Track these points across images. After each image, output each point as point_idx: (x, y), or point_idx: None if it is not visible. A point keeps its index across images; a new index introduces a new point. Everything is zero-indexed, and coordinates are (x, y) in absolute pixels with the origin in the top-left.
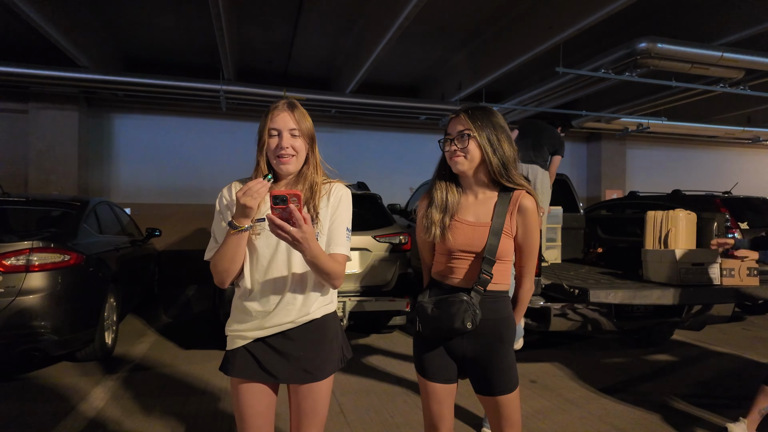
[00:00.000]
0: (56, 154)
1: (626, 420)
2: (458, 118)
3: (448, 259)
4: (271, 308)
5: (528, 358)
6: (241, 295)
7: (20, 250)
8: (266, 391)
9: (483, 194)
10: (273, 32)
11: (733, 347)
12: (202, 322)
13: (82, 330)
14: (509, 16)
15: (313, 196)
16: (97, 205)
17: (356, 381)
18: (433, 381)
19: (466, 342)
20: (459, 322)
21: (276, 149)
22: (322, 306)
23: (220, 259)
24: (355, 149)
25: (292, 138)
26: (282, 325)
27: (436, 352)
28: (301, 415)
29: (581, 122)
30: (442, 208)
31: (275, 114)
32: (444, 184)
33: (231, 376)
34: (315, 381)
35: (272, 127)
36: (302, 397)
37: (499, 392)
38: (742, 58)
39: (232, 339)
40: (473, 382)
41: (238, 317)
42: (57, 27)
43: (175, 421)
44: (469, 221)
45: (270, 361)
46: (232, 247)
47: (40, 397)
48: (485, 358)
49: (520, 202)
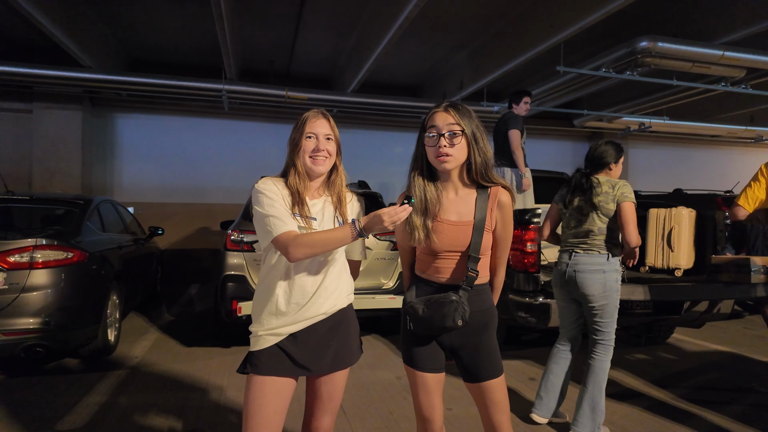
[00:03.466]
0: (60, 153)
1: (626, 417)
2: (446, 113)
3: (432, 259)
4: (305, 301)
5: (527, 355)
6: (276, 290)
7: (24, 247)
8: (290, 386)
9: (462, 191)
10: (275, 32)
11: (733, 345)
12: (204, 321)
13: (85, 327)
14: (510, 15)
15: (341, 204)
16: (101, 203)
17: (355, 376)
18: (423, 371)
19: (454, 334)
20: (450, 321)
21: (313, 151)
22: (346, 295)
23: (320, 244)
24: (357, 148)
25: (327, 142)
26: (316, 317)
27: (426, 343)
28: (318, 401)
29: (583, 121)
30: (423, 210)
31: (313, 120)
32: (422, 182)
33: (262, 375)
34: (346, 367)
35: (310, 131)
36: (321, 383)
37: (487, 377)
38: (744, 56)
39: (262, 338)
40: (462, 371)
41: (268, 314)
42: (61, 27)
43: (176, 417)
44: (452, 221)
45: (303, 354)
46: (338, 243)
47: (44, 392)
48: (473, 346)
49: (499, 198)
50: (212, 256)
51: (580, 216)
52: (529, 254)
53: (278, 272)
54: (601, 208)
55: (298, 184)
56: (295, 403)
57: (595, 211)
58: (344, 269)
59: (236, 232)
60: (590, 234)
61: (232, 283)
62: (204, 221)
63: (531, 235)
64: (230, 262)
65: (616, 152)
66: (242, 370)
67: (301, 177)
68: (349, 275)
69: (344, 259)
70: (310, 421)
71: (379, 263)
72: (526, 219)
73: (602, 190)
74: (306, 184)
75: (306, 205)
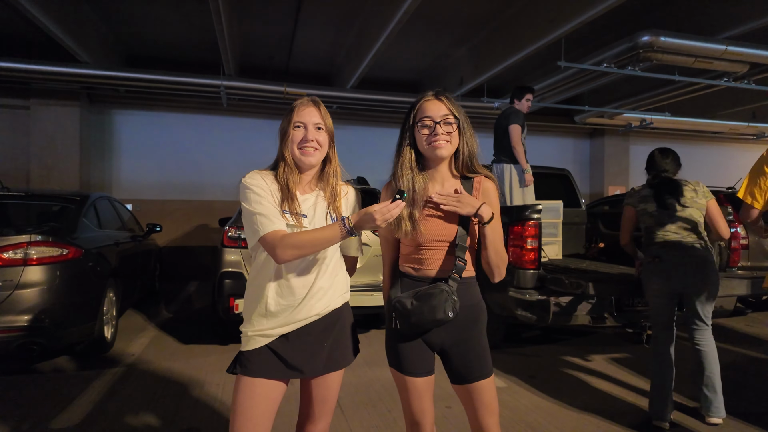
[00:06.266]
0: (58, 150)
1: (628, 416)
2: (438, 102)
3: (417, 251)
4: (297, 302)
5: (527, 353)
6: (266, 291)
7: (17, 243)
8: (280, 389)
9: (449, 182)
10: (273, 27)
11: (735, 343)
12: (202, 318)
13: (80, 324)
14: (510, 9)
15: (335, 199)
16: (97, 200)
17: (353, 375)
18: (412, 375)
19: (443, 331)
20: (441, 312)
21: (301, 141)
22: (341, 295)
23: (308, 245)
24: (356, 144)
25: (316, 131)
26: (308, 318)
27: (414, 346)
28: (311, 404)
29: (584, 118)
30: (410, 201)
31: (301, 108)
32: (410, 172)
33: (251, 376)
34: (340, 369)
35: (298, 120)
36: (315, 386)
37: (477, 377)
38: (747, 51)
39: (252, 339)
40: (451, 373)
41: (258, 316)
42: (57, 23)
43: (171, 416)
44: (438, 212)
45: (295, 356)
46: (327, 243)
47: (39, 390)
48: (462, 344)
49: (483, 186)
50: (211, 253)
51: (679, 214)
52: (529, 251)
53: (268, 272)
54: (698, 206)
55: (287, 177)
56: (290, 406)
57: (692, 208)
58: (339, 267)
59: (233, 228)
60: (696, 228)
61: (229, 280)
62: (203, 218)
63: (531, 231)
64: (227, 259)
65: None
66: (231, 370)
67: (291, 170)
68: (344, 273)
69: (339, 256)
70: (304, 425)
71: (378, 260)
72: (526, 215)
73: (691, 188)
74: (296, 177)
75: (296, 201)
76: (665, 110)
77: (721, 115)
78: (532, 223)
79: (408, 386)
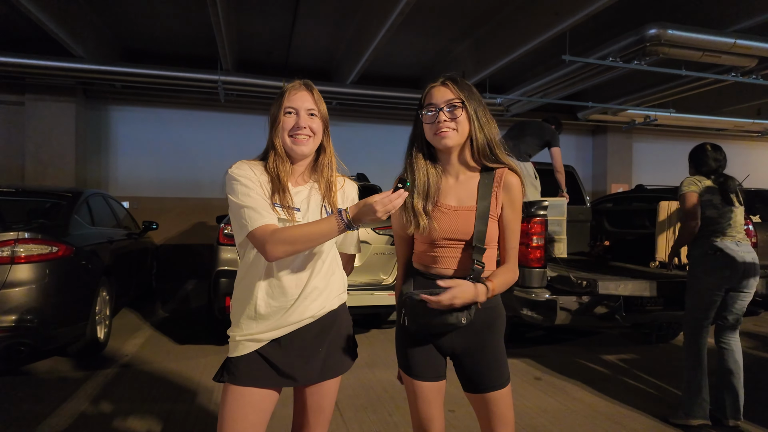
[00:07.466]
0: (53, 146)
1: (636, 420)
2: (444, 87)
3: (431, 248)
4: (289, 303)
5: (533, 354)
6: (255, 291)
7: (4, 241)
8: (271, 399)
9: (464, 175)
10: (272, 22)
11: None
12: (198, 317)
13: (71, 324)
14: (514, 2)
15: (330, 192)
16: (90, 196)
17: (354, 377)
18: (421, 380)
19: (456, 336)
20: (454, 317)
21: (292, 129)
22: (337, 295)
23: (302, 240)
24: (356, 141)
25: (309, 118)
26: (302, 321)
27: (424, 348)
28: (305, 414)
29: (587, 114)
30: (424, 194)
31: (293, 92)
32: (423, 164)
33: (239, 385)
34: (336, 376)
35: (289, 105)
36: (309, 394)
37: (491, 388)
38: (756, 45)
39: (241, 344)
40: (463, 379)
41: (247, 318)
42: (52, 17)
43: (164, 419)
44: (451, 206)
45: (288, 362)
46: (323, 238)
47: (28, 392)
48: (476, 351)
49: (505, 179)
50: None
51: (737, 211)
52: (535, 248)
53: (258, 271)
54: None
55: (278, 168)
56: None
57: (743, 207)
58: (336, 265)
59: (229, 225)
60: (741, 226)
61: (225, 279)
62: (200, 216)
63: (537, 228)
64: (223, 257)
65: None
66: (218, 378)
67: (282, 159)
68: (341, 271)
69: (335, 253)
70: None
71: (379, 258)
72: (533, 211)
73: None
74: (287, 167)
75: (288, 193)
76: (670, 106)
77: (726, 112)
78: (538, 220)
79: (416, 390)
